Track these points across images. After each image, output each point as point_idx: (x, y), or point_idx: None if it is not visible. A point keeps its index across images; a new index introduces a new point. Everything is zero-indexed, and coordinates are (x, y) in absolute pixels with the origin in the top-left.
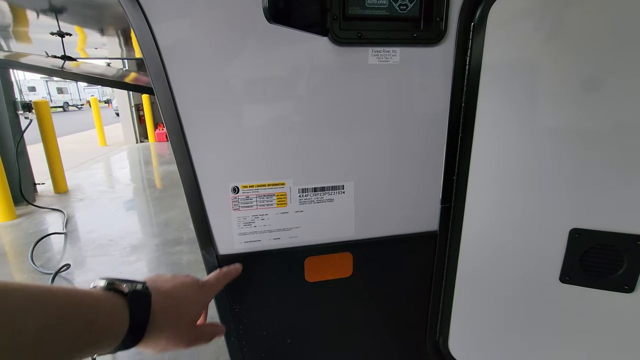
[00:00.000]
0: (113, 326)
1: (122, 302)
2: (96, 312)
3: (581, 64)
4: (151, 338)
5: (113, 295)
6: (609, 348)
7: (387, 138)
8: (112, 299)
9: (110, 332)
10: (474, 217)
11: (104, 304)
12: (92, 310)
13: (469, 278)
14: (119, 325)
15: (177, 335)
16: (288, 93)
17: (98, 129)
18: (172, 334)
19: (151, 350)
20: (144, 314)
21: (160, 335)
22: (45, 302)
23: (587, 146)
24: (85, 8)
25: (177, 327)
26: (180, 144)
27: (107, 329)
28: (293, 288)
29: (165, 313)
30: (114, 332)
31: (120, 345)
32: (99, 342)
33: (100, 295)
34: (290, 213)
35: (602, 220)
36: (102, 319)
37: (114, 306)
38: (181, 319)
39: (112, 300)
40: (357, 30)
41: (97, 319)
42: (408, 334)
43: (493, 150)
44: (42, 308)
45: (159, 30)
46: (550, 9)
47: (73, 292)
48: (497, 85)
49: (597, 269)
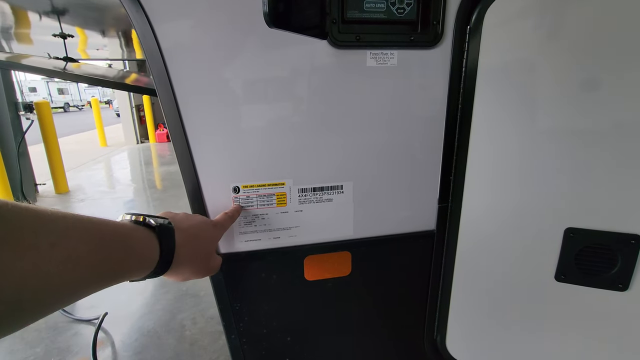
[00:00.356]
0: (146, 255)
1: (151, 234)
2: (133, 241)
3: (575, 66)
4: (176, 268)
5: (143, 228)
6: (604, 345)
7: (385, 139)
8: (142, 231)
9: (145, 260)
10: (470, 216)
11: (137, 234)
12: (130, 239)
13: (466, 277)
14: (150, 255)
15: (196, 266)
16: (288, 94)
17: (99, 129)
18: (194, 265)
19: (175, 279)
20: (171, 245)
21: (183, 266)
22: (90, 227)
23: (581, 147)
24: (87, 10)
25: (196, 259)
26: (182, 145)
27: (142, 257)
28: (293, 286)
29: (187, 246)
30: (147, 260)
31: (151, 272)
32: (136, 268)
33: (133, 226)
34: (290, 213)
35: (597, 220)
36: (139, 247)
37: (146, 237)
38: (200, 252)
39: (144, 232)
40: (355, 33)
41: (135, 246)
42: (406, 332)
43: (489, 151)
44: (89, 233)
45: (161, 32)
46: (545, 12)
47: (112, 222)
48: (493, 87)
49: (591, 268)
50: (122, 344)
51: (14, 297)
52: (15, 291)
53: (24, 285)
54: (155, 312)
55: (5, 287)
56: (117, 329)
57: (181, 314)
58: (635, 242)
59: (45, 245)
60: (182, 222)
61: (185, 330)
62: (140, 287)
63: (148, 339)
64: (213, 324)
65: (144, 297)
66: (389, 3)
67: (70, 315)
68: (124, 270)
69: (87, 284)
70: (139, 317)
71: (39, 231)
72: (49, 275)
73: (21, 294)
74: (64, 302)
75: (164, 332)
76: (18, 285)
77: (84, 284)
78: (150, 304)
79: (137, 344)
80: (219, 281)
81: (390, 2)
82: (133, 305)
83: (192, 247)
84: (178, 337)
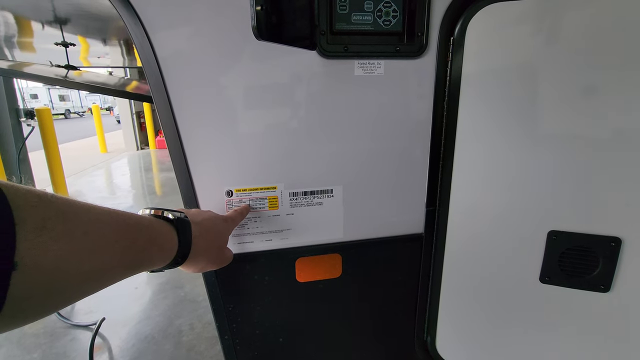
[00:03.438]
0: (166, 245)
1: (170, 226)
2: (154, 232)
3: (555, 73)
4: (193, 258)
5: (162, 221)
6: (588, 345)
7: (373, 145)
8: (162, 224)
9: (165, 249)
10: (457, 219)
11: (157, 225)
12: (151, 230)
13: (454, 279)
14: (170, 245)
15: (211, 256)
16: (279, 102)
17: (99, 136)
18: (209, 255)
19: (192, 269)
20: (188, 236)
21: (199, 256)
22: (116, 218)
23: (562, 151)
24: (89, 20)
25: (211, 250)
26: (177, 150)
27: (163, 247)
28: (285, 288)
29: (202, 238)
30: (167, 250)
31: (171, 262)
32: (157, 258)
33: (153, 219)
34: (281, 216)
35: (578, 222)
36: (159, 238)
37: (165, 228)
38: (214, 243)
39: (163, 224)
40: (343, 44)
41: (156, 237)
42: (397, 333)
43: (474, 156)
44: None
45: (157, 43)
46: (526, 23)
47: (134, 215)
48: (477, 94)
49: (574, 270)
50: (119, 349)
51: (48, 280)
52: (50, 274)
53: (57, 268)
54: (153, 317)
55: (41, 269)
56: (114, 335)
57: (179, 319)
58: (615, 244)
59: (79, 233)
60: (196, 216)
61: (182, 336)
62: (138, 293)
63: (145, 345)
64: (210, 329)
65: (142, 302)
66: (376, 15)
67: (67, 321)
68: (146, 259)
69: (113, 271)
70: (136, 322)
71: (73, 219)
72: (81, 261)
73: (55, 277)
74: (91, 288)
75: (161, 338)
76: (53, 268)
77: (110, 270)
78: (148, 309)
79: (134, 350)
80: (213, 282)
81: (376, 15)
82: (131, 310)
83: (207, 238)
84: (175, 343)
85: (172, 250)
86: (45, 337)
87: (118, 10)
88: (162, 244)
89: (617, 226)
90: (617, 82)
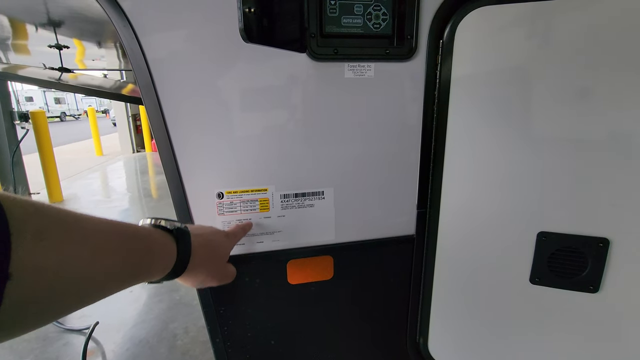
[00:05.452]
0: (164, 256)
1: (169, 237)
2: (153, 242)
3: (544, 75)
4: (192, 270)
5: (161, 231)
6: (578, 345)
7: (363, 146)
8: (161, 234)
9: (163, 261)
10: (448, 221)
11: (156, 235)
12: (149, 240)
13: (445, 280)
14: (168, 257)
15: (211, 270)
16: (269, 105)
17: (95, 138)
18: (209, 269)
19: (190, 283)
20: (188, 248)
21: (198, 268)
22: (114, 228)
23: (550, 153)
24: (83, 22)
25: (211, 263)
26: (167, 152)
27: (161, 257)
28: (276, 290)
29: (202, 250)
30: (165, 261)
31: (169, 273)
32: (155, 268)
33: (151, 229)
34: (272, 218)
35: (567, 224)
36: (157, 248)
37: (164, 238)
38: (215, 258)
39: (162, 234)
40: (333, 47)
41: (154, 247)
42: (389, 335)
43: (464, 158)
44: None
45: (147, 46)
46: (514, 26)
47: (132, 225)
48: (466, 96)
49: (563, 271)
50: (113, 353)
51: (45, 290)
52: (48, 283)
53: (55, 277)
54: (148, 321)
55: (39, 278)
56: (109, 339)
57: (173, 323)
58: (603, 245)
59: (77, 242)
60: (197, 229)
61: (177, 340)
62: (133, 296)
63: (140, 349)
64: (205, 333)
65: (137, 306)
66: (366, 18)
67: (60, 325)
68: (144, 268)
69: (111, 281)
70: (131, 326)
71: (71, 229)
72: (79, 270)
73: (52, 286)
74: (89, 298)
75: (156, 342)
76: (51, 277)
77: (109, 280)
78: (143, 313)
79: (129, 354)
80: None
81: (366, 18)
82: (126, 314)
83: (207, 251)
84: (170, 347)
85: (170, 259)
86: (38, 341)
87: (108, 13)
88: (160, 254)
89: (604, 227)
90: (606, 85)
